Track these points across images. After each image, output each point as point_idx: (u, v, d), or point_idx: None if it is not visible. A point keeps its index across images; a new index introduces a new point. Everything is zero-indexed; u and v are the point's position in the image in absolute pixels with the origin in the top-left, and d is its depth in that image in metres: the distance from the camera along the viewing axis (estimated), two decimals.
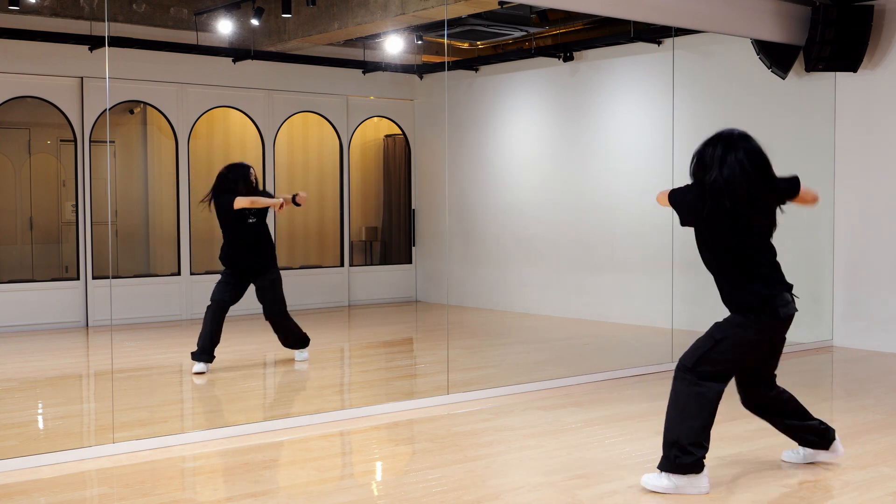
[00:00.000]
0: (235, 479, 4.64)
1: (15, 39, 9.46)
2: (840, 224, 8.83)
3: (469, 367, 7.59)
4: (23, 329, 9.53)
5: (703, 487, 4.32)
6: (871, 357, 8.19)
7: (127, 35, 9.83)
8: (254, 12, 9.53)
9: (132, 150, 11.19)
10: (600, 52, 10.27)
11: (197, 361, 7.20)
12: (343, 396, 6.98)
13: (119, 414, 5.75)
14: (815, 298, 8.93)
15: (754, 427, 5.59)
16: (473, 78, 11.65)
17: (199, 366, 7.19)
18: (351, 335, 10.14)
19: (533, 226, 11.03)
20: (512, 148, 11.36)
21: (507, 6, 8.92)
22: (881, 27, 8.40)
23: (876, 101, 8.53)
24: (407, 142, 12.44)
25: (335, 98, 11.72)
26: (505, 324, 10.57)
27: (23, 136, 10.77)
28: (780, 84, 8.72)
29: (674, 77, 8.35)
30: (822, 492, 4.39)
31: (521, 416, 5.99)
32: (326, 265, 11.88)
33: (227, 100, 10.92)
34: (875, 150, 8.56)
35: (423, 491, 4.38)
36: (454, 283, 11.57)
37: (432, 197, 12.18)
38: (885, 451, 5.09)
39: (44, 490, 4.45)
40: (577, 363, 7.94)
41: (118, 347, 8.44)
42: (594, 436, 5.43)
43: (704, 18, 7.74)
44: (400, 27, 9.79)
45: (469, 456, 5.00)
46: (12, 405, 6.51)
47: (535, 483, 4.51)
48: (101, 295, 9.81)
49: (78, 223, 9.89)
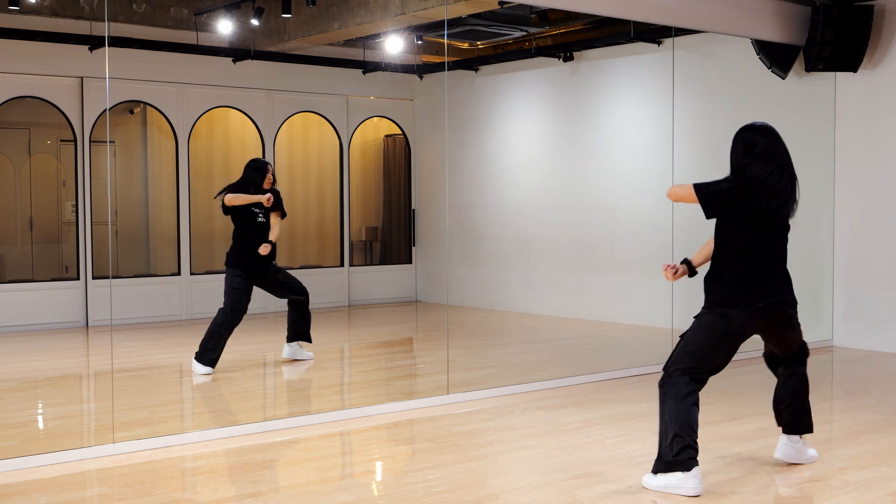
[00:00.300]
0: (235, 479, 4.64)
1: (15, 39, 9.46)
2: (840, 224, 8.82)
3: (469, 367, 7.59)
4: (23, 329, 9.53)
5: (694, 488, 4.25)
6: (871, 357, 8.19)
7: (127, 35, 9.83)
8: (254, 12, 9.53)
9: (132, 150, 11.19)
10: (600, 52, 10.27)
11: (206, 365, 7.17)
12: (343, 396, 6.98)
13: (119, 414, 5.75)
14: (815, 298, 8.93)
15: (754, 427, 5.60)
16: (473, 78, 11.65)
17: (209, 369, 7.19)
18: (351, 335, 10.14)
19: (533, 226, 11.03)
20: (512, 148, 11.36)
21: (507, 6, 8.92)
22: (881, 27, 8.40)
23: (876, 101, 8.53)
24: (407, 142, 12.44)
25: (335, 98, 11.72)
26: (505, 324, 10.57)
27: (23, 136, 10.77)
28: (780, 84, 8.72)
29: (674, 77, 8.35)
30: (822, 492, 4.39)
31: (521, 416, 5.99)
32: (326, 265, 11.88)
33: (227, 100, 10.92)
34: (875, 150, 8.56)
35: (423, 491, 4.38)
36: (454, 283, 11.57)
37: (432, 197, 12.18)
38: (885, 451, 5.09)
39: (44, 490, 4.45)
40: (577, 363, 7.94)
41: (118, 347, 8.44)
42: (594, 436, 5.43)
43: (704, 18, 7.74)
44: (400, 27, 9.79)
45: (469, 456, 5.00)
46: (12, 405, 6.51)
47: (535, 483, 4.51)
48: (101, 295, 9.81)
49: (78, 223, 9.89)
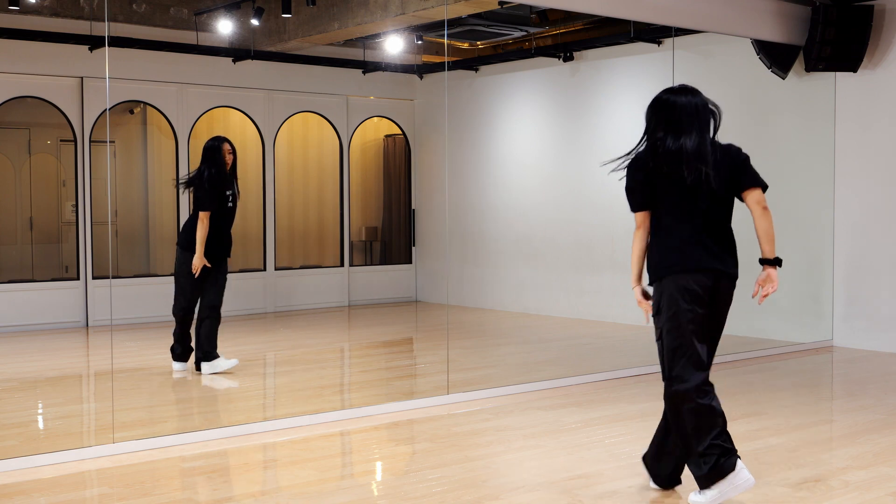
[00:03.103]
0: (235, 479, 4.64)
1: (15, 39, 9.46)
2: (840, 224, 8.82)
3: (469, 367, 7.58)
4: (23, 329, 9.53)
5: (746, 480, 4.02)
6: (871, 357, 8.19)
7: (127, 35, 9.83)
8: (254, 12, 9.53)
9: (132, 150, 11.19)
10: (600, 52, 10.27)
11: (224, 359, 7.18)
12: (343, 396, 6.98)
13: (119, 414, 5.75)
14: (815, 298, 8.93)
15: (754, 427, 5.60)
16: (473, 78, 11.65)
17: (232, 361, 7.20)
18: (351, 335, 10.14)
19: (533, 226, 11.03)
20: (512, 148, 11.36)
21: (507, 6, 8.92)
22: (881, 27, 8.40)
23: (876, 101, 8.53)
24: (407, 142, 12.43)
25: (335, 98, 11.72)
26: (505, 324, 10.57)
27: (23, 136, 10.76)
28: (780, 84, 8.72)
29: (674, 77, 8.35)
30: (822, 492, 4.39)
31: (521, 416, 5.99)
32: (326, 265, 11.87)
33: (227, 100, 10.91)
34: (875, 150, 8.56)
35: (423, 491, 4.38)
36: (454, 283, 11.57)
37: (432, 197, 12.18)
38: (885, 451, 5.09)
39: (44, 490, 4.45)
40: (577, 363, 7.94)
41: (118, 347, 8.44)
42: (594, 436, 5.43)
43: (704, 18, 7.74)
44: (400, 27, 9.79)
45: (469, 456, 5.00)
46: (12, 405, 6.50)
47: (535, 483, 4.51)
48: (101, 295, 9.80)
49: (78, 223, 9.89)
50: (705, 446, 4.00)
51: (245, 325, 8.94)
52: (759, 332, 8.87)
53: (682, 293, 4.05)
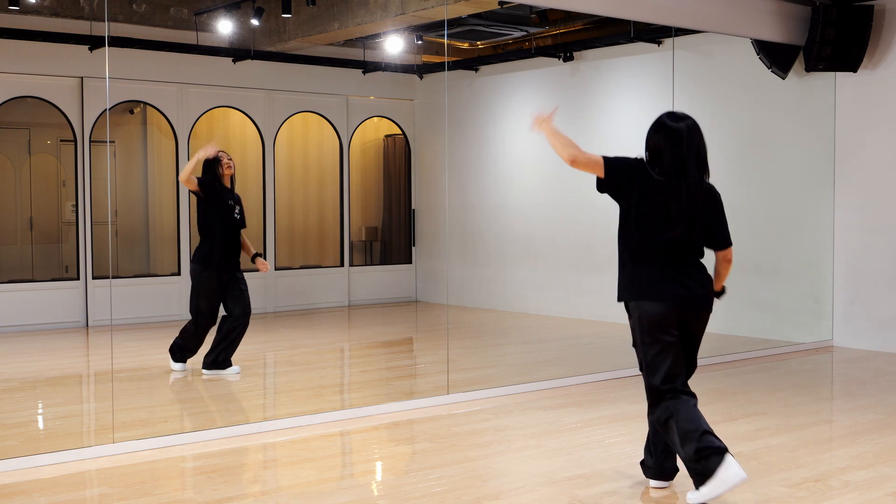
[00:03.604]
0: (235, 479, 4.64)
1: (15, 39, 9.46)
2: (840, 224, 8.82)
3: (469, 367, 7.58)
4: (23, 329, 9.53)
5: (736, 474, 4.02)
6: (871, 357, 8.19)
7: (127, 35, 9.83)
8: (254, 12, 9.53)
9: (132, 150, 11.19)
10: (600, 52, 10.27)
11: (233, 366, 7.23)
12: (343, 396, 6.98)
13: (119, 414, 5.75)
14: (815, 298, 8.93)
15: (754, 427, 5.60)
16: (473, 78, 11.65)
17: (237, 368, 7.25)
18: (351, 335, 10.14)
19: (533, 226, 11.03)
20: (512, 148, 11.36)
21: (507, 6, 8.91)
22: (881, 27, 8.40)
23: (876, 101, 8.53)
24: (407, 142, 12.43)
25: (335, 98, 11.72)
26: (505, 324, 10.57)
27: (23, 136, 10.76)
28: (780, 84, 8.71)
29: (674, 77, 8.35)
30: (822, 492, 4.39)
31: (521, 416, 5.99)
32: (326, 265, 11.87)
33: (227, 100, 10.91)
34: (875, 150, 8.56)
35: (423, 491, 4.38)
36: (454, 283, 11.57)
37: (432, 197, 12.18)
38: (885, 451, 5.09)
39: (44, 490, 4.45)
40: (577, 363, 7.94)
41: (118, 347, 8.44)
42: (594, 436, 5.43)
43: (704, 18, 7.74)
44: (400, 27, 9.79)
45: (469, 456, 5.00)
46: (12, 405, 6.51)
47: (535, 483, 4.51)
48: (101, 295, 9.80)
49: (78, 223, 9.89)
50: (693, 450, 4.04)
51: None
52: (759, 332, 8.87)
53: (650, 320, 4.24)
